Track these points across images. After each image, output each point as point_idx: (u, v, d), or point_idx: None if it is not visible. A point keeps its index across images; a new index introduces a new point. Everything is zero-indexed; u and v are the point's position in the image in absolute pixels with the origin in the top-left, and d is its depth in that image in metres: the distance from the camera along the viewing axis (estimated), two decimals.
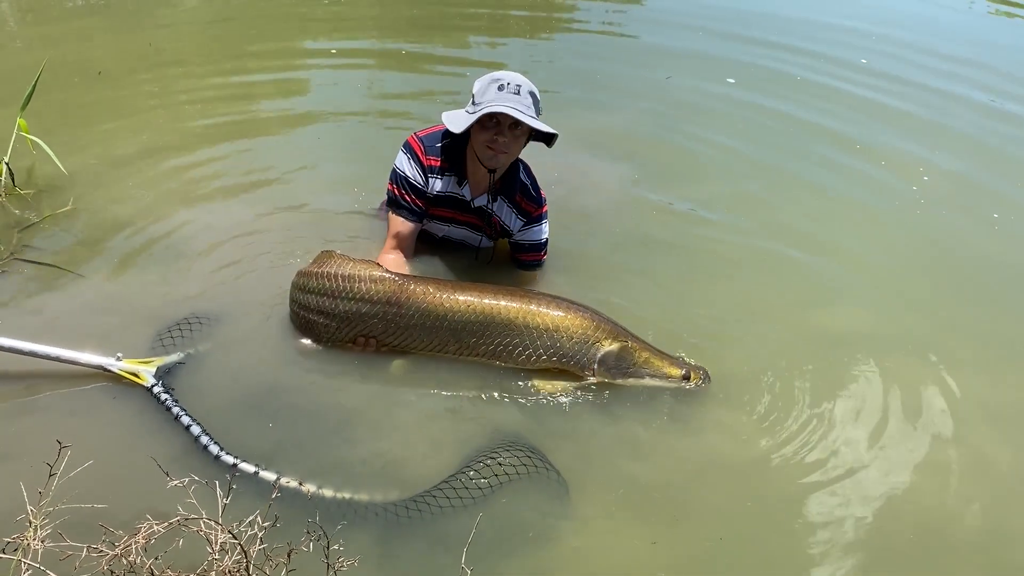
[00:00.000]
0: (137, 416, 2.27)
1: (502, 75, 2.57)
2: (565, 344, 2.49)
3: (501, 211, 2.85)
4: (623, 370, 2.51)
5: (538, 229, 2.92)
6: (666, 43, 6.05)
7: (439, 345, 2.52)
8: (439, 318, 2.47)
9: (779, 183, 4.02)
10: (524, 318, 2.49)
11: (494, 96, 2.53)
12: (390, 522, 2.02)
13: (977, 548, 2.17)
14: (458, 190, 2.81)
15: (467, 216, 2.89)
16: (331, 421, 2.33)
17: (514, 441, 2.29)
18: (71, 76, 4.42)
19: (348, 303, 2.48)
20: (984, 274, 3.42)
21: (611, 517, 2.14)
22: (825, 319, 2.98)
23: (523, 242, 2.94)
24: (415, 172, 2.76)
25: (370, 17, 6.19)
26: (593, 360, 2.50)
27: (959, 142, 4.66)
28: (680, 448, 2.38)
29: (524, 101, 2.54)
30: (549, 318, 2.50)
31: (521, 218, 2.88)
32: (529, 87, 2.57)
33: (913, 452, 2.43)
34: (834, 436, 2.45)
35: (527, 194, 2.86)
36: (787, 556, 2.10)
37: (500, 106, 2.48)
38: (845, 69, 5.75)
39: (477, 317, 2.47)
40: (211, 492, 1.67)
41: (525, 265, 3.00)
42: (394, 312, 2.48)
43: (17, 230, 3.01)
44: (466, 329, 2.48)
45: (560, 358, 2.51)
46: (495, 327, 2.48)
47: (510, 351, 2.50)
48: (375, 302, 2.47)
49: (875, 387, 2.66)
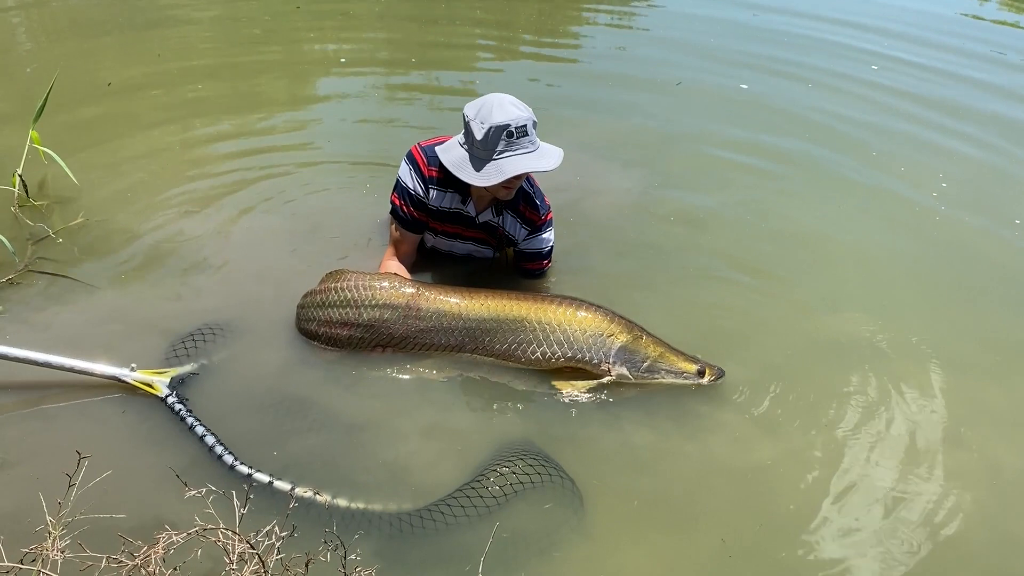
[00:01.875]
0: (151, 427, 2.28)
1: (505, 119, 2.46)
2: (579, 338, 2.51)
3: (505, 222, 2.85)
4: (638, 365, 2.52)
5: (543, 238, 2.91)
6: (678, 48, 6.04)
7: (456, 345, 2.55)
8: (455, 318, 2.53)
9: (793, 188, 4.00)
10: (538, 314, 2.53)
11: (505, 148, 2.49)
12: (406, 531, 2.02)
13: (985, 555, 2.15)
14: (462, 207, 2.81)
15: (473, 231, 2.89)
16: (344, 430, 2.34)
17: (528, 449, 2.29)
18: (81, 88, 4.45)
19: (369, 311, 2.54)
20: (1003, 282, 3.38)
21: (621, 525, 2.14)
22: (837, 326, 2.97)
23: (528, 251, 2.93)
24: (416, 183, 2.76)
25: (379, 27, 6.22)
26: (609, 354, 2.51)
27: (977, 148, 4.62)
28: (686, 455, 2.37)
29: (534, 141, 2.53)
30: (563, 313, 2.53)
31: (525, 227, 2.86)
32: (527, 116, 2.50)
33: (921, 458, 2.42)
34: (842, 443, 2.44)
35: (530, 202, 2.84)
36: (794, 564, 2.09)
37: (523, 166, 2.48)
38: (859, 68, 5.72)
39: (491, 315, 2.52)
40: (227, 502, 1.67)
41: (529, 274, 2.99)
42: (413, 315, 2.53)
43: (31, 242, 3.03)
44: (481, 327, 2.53)
45: (575, 353, 2.51)
46: (509, 324, 2.52)
47: (524, 348, 2.52)
48: (395, 307, 2.54)
49: (887, 394, 2.64)
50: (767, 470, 2.33)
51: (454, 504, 2.08)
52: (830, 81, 5.51)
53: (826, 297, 3.14)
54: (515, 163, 2.49)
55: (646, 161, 4.11)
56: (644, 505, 2.20)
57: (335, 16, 6.32)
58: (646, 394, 2.55)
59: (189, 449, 2.20)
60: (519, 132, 2.48)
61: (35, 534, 1.63)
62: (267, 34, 5.86)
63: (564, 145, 2.64)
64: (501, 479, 2.16)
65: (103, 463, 1.92)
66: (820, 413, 2.54)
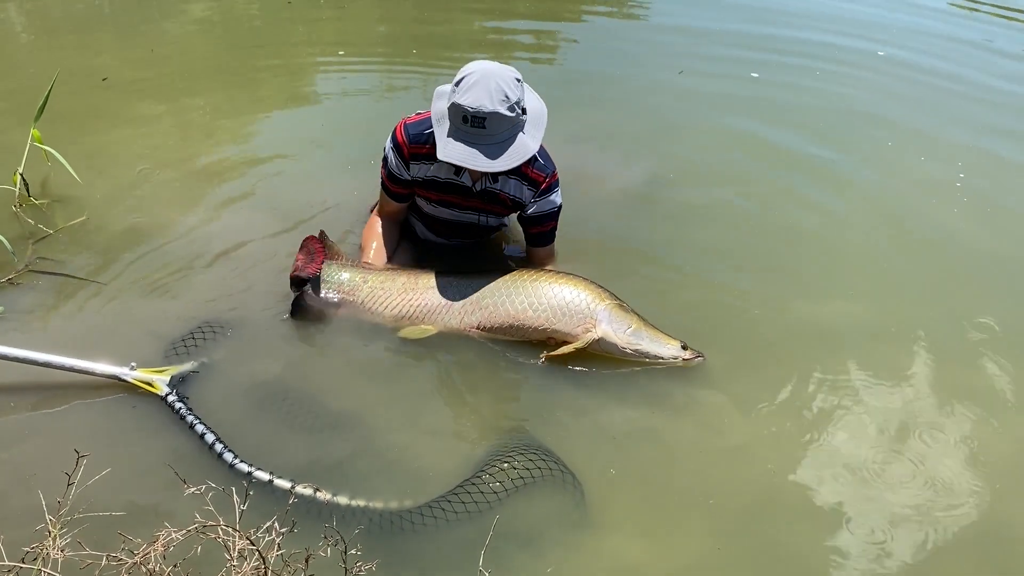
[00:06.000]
0: (152, 425, 2.28)
1: (468, 102, 2.37)
2: (567, 297, 2.60)
3: (508, 186, 2.74)
4: (623, 328, 2.57)
5: (550, 199, 2.77)
6: (684, 35, 5.99)
7: (446, 306, 2.65)
8: (448, 285, 2.69)
9: (801, 181, 3.98)
10: (529, 278, 2.67)
11: (456, 130, 2.43)
12: (407, 526, 2.02)
13: (970, 539, 2.15)
14: (456, 177, 2.73)
15: (474, 201, 2.80)
16: (345, 427, 2.34)
17: (529, 443, 2.29)
18: (79, 85, 4.45)
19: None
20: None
21: (623, 518, 2.14)
22: (834, 313, 2.97)
23: (535, 214, 2.80)
24: (397, 164, 2.76)
25: (377, 22, 6.20)
26: (594, 313, 2.57)
27: (996, 139, 4.57)
28: (686, 442, 2.38)
29: (493, 134, 2.42)
30: (552, 275, 2.69)
31: (531, 187, 2.73)
32: (502, 100, 2.38)
33: (908, 441, 2.43)
34: (836, 434, 2.44)
35: (533, 162, 2.68)
36: (790, 555, 2.09)
37: (456, 155, 2.42)
38: (872, 62, 5.68)
39: (487, 279, 2.68)
40: (227, 499, 1.67)
41: (540, 239, 2.88)
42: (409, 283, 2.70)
43: (32, 241, 3.03)
44: (475, 287, 2.65)
45: (563, 314, 2.58)
46: (504, 284, 2.65)
47: (516, 309, 2.59)
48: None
49: (879, 379, 2.64)
50: (767, 459, 2.33)
51: (455, 500, 2.08)
52: (838, 66, 5.45)
53: (829, 286, 3.13)
54: (454, 149, 2.44)
55: (647, 150, 4.10)
56: (646, 497, 2.21)
57: (331, 8, 6.29)
58: (652, 386, 2.54)
59: (189, 447, 2.20)
60: (474, 121, 2.39)
61: (36, 533, 1.63)
62: (264, 28, 5.84)
63: (563, 135, 2.61)
64: (502, 474, 2.16)
65: (103, 461, 1.92)
66: (821, 401, 2.54)
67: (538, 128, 2.57)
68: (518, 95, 2.46)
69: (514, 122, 2.46)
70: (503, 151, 2.45)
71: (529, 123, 2.54)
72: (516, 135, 2.48)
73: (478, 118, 2.38)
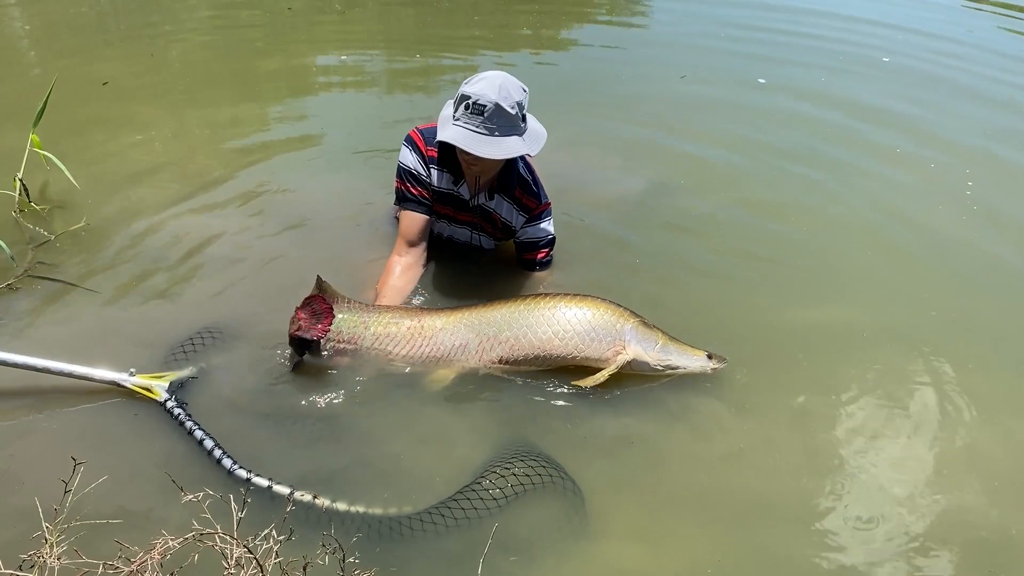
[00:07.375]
0: (150, 431, 2.27)
1: (473, 91, 2.47)
2: (592, 321, 2.50)
3: (501, 208, 2.84)
4: (652, 344, 2.52)
5: (541, 227, 2.89)
6: (686, 42, 6.00)
7: (463, 346, 2.52)
8: (459, 322, 2.54)
9: (807, 190, 3.98)
10: (545, 304, 2.54)
11: (460, 116, 2.50)
12: (405, 533, 2.01)
13: (978, 548, 2.14)
14: (454, 187, 2.81)
15: (466, 215, 2.88)
16: (344, 433, 2.33)
17: (529, 451, 2.28)
18: (79, 90, 4.46)
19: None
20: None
21: (624, 526, 2.13)
22: (834, 319, 2.96)
23: (527, 240, 2.92)
24: (417, 163, 2.77)
25: (378, 26, 6.21)
26: (622, 334, 2.51)
27: (1006, 145, 4.57)
28: (691, 453, 2.36)
29: (490, 122, 2.47)
30: (566, 299, 2.56)
31: (522, 214, 2.85)
32: (505, 96, 2.46)
33: (917, 452, 2.41)
34: (832, 440, 2.43)
35: (527, 189, 2.82)
36: (787, 562, 2.08)
37: (455, 137, 2.48)
38: (877, 69, 5.69)
39: (503, 311, 2.54)
40: (225, 506, 1.67)
41: (531, 265, 2.96)
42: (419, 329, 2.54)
43: (32, 247, 3.03)
44: (492, 322, 2.52)
45: (592, 339, 2.49)
46: (521, 318, 2.51)
47: (541, 339, 2.49)
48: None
49: (885, 383, 2.64)
50: (769, 465, 2.33)
51: (455, 507, 2.07)
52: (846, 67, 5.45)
53: (828, 293, 3.12)
54: (454, 132, 2.50)
55: (648, 157, 4.09)
56: (643, 503, 2.19)
57: (332, 12, 6.31)
58: (648, 391, 2.53)
59: (187, 453, 2.19)
60: (475, 109, 2.47)
61: (32, 541, 1.62)
62: (264, 34, 5.85)
63: (563, 140, 2.61)
64: (502, 480, 2.15)
65: (101, 469, 1.91)
66: (817, 407, 2.53)
67: (535, 142, 2.63)
68: (521, 99, 2.54)
69: (513, 121, 2.52)
70: (494, 142, 2.50)
71: (528, 134, 2.61)
72: (511, 135, 2.53)
73: (479, 105, 2.46)
